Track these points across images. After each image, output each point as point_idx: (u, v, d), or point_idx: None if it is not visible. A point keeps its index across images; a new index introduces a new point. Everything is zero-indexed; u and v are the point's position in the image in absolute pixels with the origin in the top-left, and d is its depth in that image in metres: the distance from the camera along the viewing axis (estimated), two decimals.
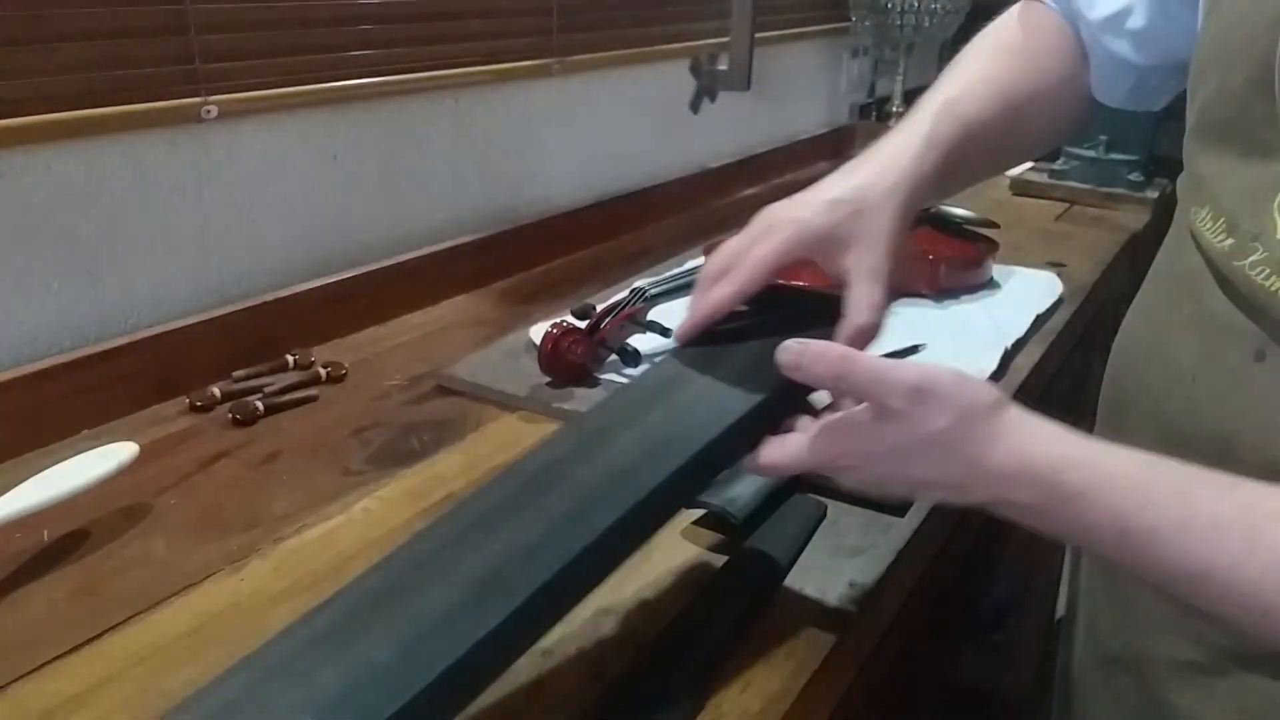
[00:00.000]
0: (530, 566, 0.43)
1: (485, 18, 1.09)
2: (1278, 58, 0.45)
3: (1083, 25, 0.67)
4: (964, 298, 1.07)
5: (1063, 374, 1.11)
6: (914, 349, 0.92)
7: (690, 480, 0.50)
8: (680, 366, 0.56)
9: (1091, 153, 1.57)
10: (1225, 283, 0.49)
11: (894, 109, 1.86)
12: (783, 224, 0.57)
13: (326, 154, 0.97)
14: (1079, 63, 0.69)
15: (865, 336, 0.56)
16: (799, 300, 0.61)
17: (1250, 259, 0.47)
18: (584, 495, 0.47)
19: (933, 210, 1.24)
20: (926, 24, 1.73)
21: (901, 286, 1.04)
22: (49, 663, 0.52)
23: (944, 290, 1.07)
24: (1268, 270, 0.46)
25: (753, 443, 0.50)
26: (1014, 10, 0.72)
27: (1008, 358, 0.92)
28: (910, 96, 1.90)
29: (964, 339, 0.95)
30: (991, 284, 1.11)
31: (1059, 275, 1.15)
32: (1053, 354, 0.98)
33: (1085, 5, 0.66)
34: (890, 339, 0.92)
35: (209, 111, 0.83)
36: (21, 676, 0.51)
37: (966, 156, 0.62)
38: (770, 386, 0.51)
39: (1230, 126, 0.50)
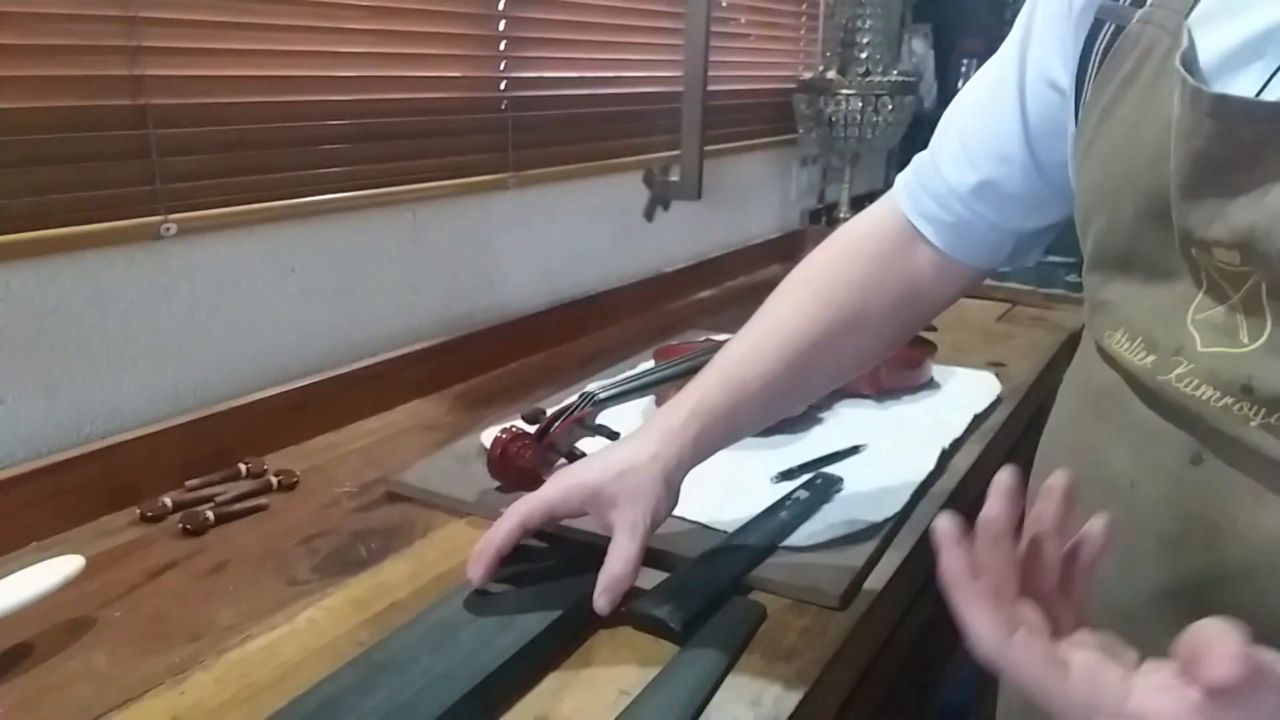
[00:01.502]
0: None
1: (442, 136, 1.14)
2: (1174, 185, 0.48)
3: (954, 204, 0.69)
4: (905, 398, 1.11)
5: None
6: (855, 449, 0.95)
7: (466, 712, 0.55)
8: (459, 608, 0.65)
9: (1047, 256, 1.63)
10: (1152, 396, 0.52)
11: (841, 215, 1.93)
12: (565, 478, 0.69)
13: (285, 266, 1.00)
14: (914, 282, 0.72)
15: (620, 585, 0.65)
16: (570, 548, 0.72)
17: (1176, 372, 0.49)
18: None
19: None
20: (870, 135, 1.82)
21: (845, 387, 1.08)
22: None
23: (885, 390, 1.11)
24: (1197, 380, 0.48)
25: (522, 677, 0.59)
26: (844, 231, 0.75)
27: (945, 457, 0.95)
28: (856, 203, 1.99)
29: (904, 438, 0.98)
30: (932, 384, 1.15)
31: (999, 375, 1.20)
32: (991, 453, 1.01)
33: (956, 180, 0.68)
34: (833, 439, 0.97)
35: (168, 229, 0.86)
36: None
37: (736, 418, 0.70)
38: (536, 630, 0.62)
39: (1129, 256, 0.53)
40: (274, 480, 0.87)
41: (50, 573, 0.64)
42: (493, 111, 1.21)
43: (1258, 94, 0.45)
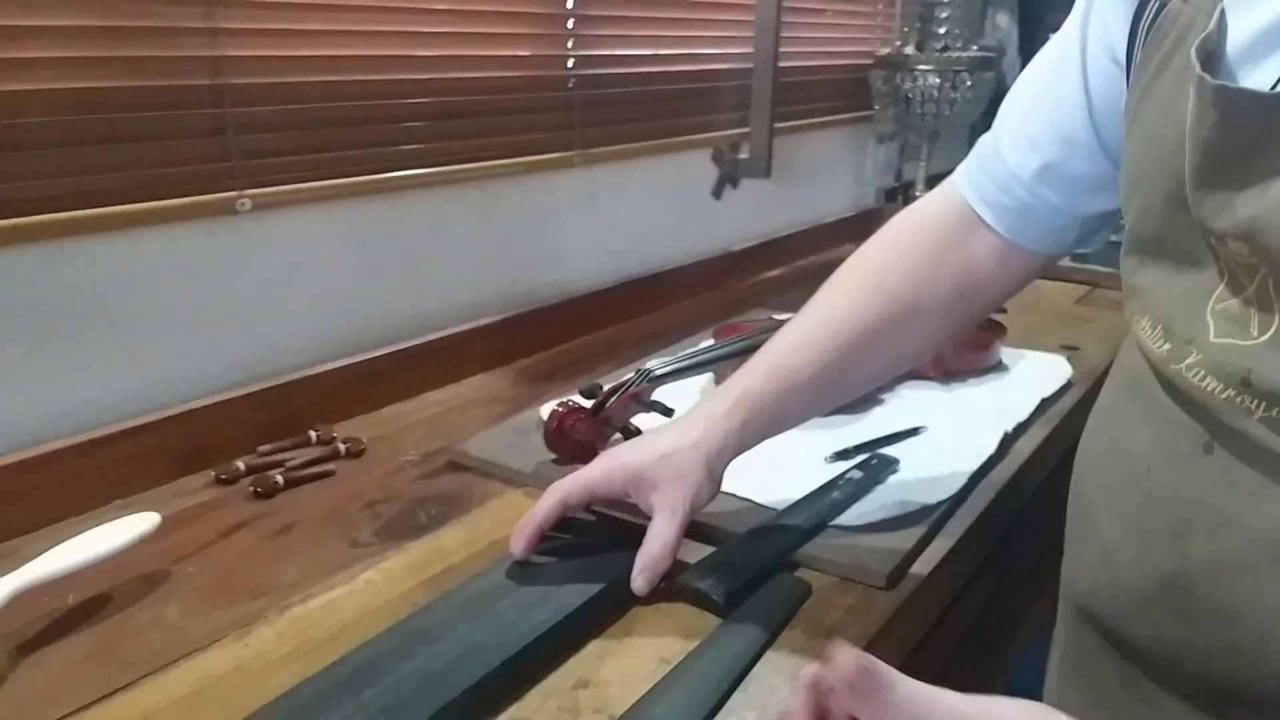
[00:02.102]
0: None
1: (509, 114, 1.16)
2: (1187, 176, 0.47)
3: (1016, 189, 0.67)
4: (971, 380, 1.09)
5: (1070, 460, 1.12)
6: (914, 431, 0.94)
7: (497, 682, 0.57)
8: (501, 578, 0.66)
9: (1115, 236, 1.58)
10: (1168, 385, 0.52)
11: (917, 193, 1.90)
12: (608, 459, 0.70)
13: (355, 241, 1.03)
14: (971, 271, 0.70)
15: (657, 566, 0.65)
16: (611, 528, 0.73)
17: (1186, 362, 0.49)
18: (401, 691, 0.54)
19: None
20: (947, 112, 1.78)
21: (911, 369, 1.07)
22: (63, 718, 0.56)
23: (950, 373, 1.09)
24: (1203, 372, 0.48)
25: (558, 649, 0.61)
26: (902, 217, 0.74)
27: (1008, 440, 0.94)
28: (933, 181, 1.95)
29: (966, 421, 0.97)
30: (1000, 367, 1.13)
31: (1072, 359, 1.17)
32: (1056, 437, 0.99)
33: (1017, 164, 0.67)
34: (892, 420, 0.96)
35: (243, 204, 0.90)
36: None
37: (784, 407, 0.70)
38: (574, 605, 0.63)
39: (1158, 241, 0.53)
40: (342, 447, 0.90)
41: (128, 528, 0.67)
42: (559, 90, 1.23)
43: (1275, 84, 0.44)
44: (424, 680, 0.55)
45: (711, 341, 1.09)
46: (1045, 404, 1.04)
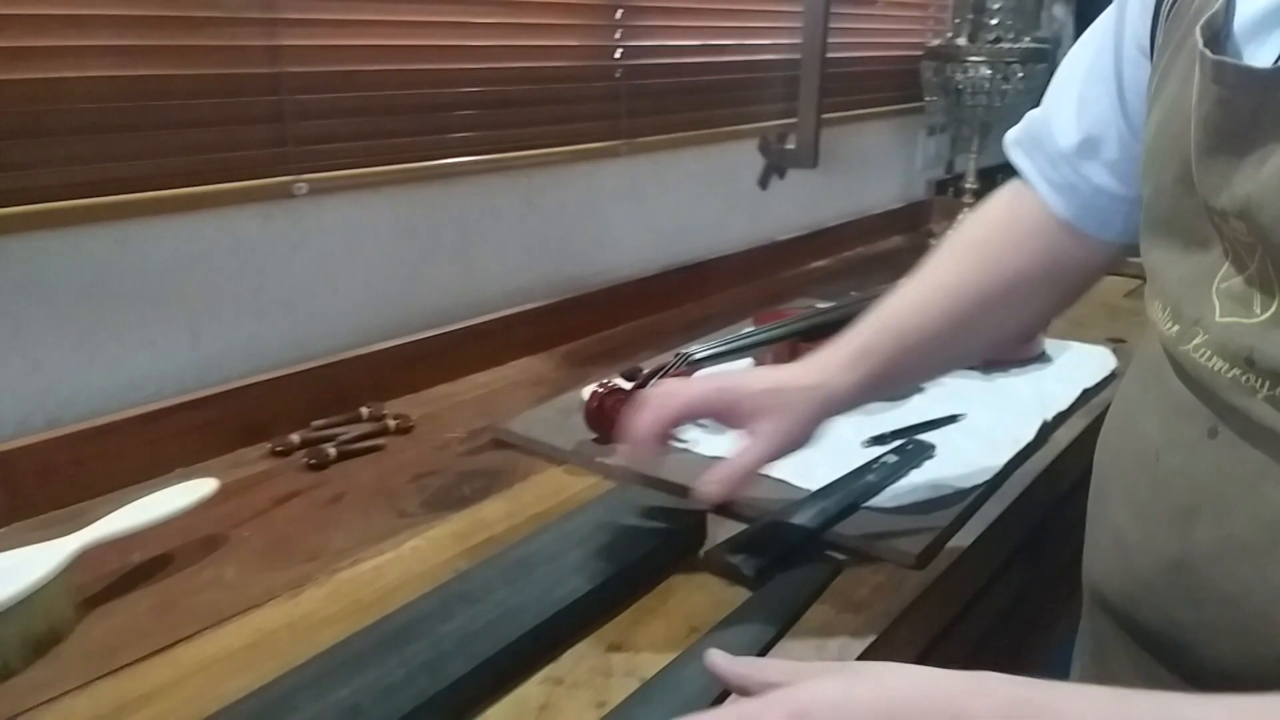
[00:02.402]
0: (389, 703, 0.52)
1: (557, 104, 1.18)
2: (1192, 154, 0.48)
3: (1063, 166, 0.68)
4: (1013, 371, 1.09)
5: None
6: (953, 418, 0.94)
7: (533, 642, 0.59)
8: (539, 548, 0.68)
9: None
10: (1178, 367, 0.53)
11: (968, 185, 1.89)
12: (712, 378, 0.69)
13: (407, 226, 1.06)
14: (1054, 249, 0.70)
15: (729, 481, 0.64)
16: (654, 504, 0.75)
17: (1194, 342, 0.50)
18: (442, 649, 0.56)
19: None
20: (999, 104, 1.77)
21: None
22: (126, 666, 0.59)
23: (992, 363, 1.09)
24: (1209, 352, 0.49)
25: (591, 615, 0.63)
26: (997, 195, 0.74)
27: (1047, 429, 0.94)
28: (985, 174, 1.94)
29: (1005, 410, 0.97)
30: (1043, 358, 1.13)
31: (1116, 351, 1.16)
32: (1096, 428, 0.98)
33: (1060, 134, 0.67)
34: (931, 407, 0.97)
35: (300, 189, 0.93)
36: (102, 676, 0.58)
37: (902, 367, 0.69)
38: (608, 574, 0.65)
39: (1169, 222, 0.53)
40: (391, 424, 0.93)
41: (189, 492, 0.71)
42: (607, 80, 1.25)
43: (1277, 60, 0.44)
44: (463, 638, 0.57)
45: (752, 327, 1.11)
46: (1087, 394, 1.03)
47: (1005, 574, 0.86)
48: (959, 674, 0.40)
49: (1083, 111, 0.66)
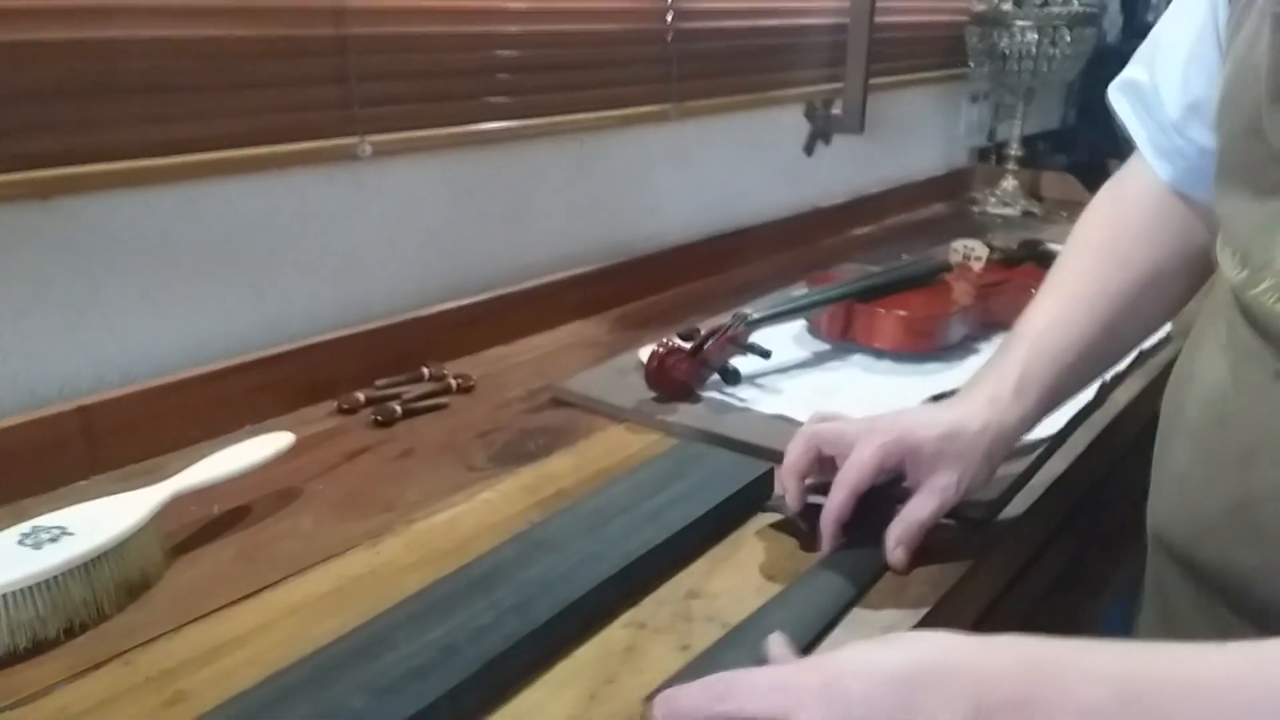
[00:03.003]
0: (481, 644, 0.53)
1: (609, 67, 1.18)
2: (1263, 106, 0.49)
3: (1171, 132, 0.67)
4: None
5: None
6: None
7: (614, 589, 0.60)
8: (612, 499, 0.69)
9: None
10: (1246, 311, 0.53)
11: (1011, 152, 1.87)
12: (881, 434, 0.64)
13: (463, 189, 1.07)
14: (1183, 230, 0.69)
15: (914, 539, 0.64)
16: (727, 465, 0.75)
17: (1262, 287, 0.51)
18: (528, 593, 0.58)
19: (1040, 248, 1.26)
20: (1045, 69, 1.75)
21: (1003, 320, 1.07)
22: (216, 610, 0.61)
23: None
24: (1277, 296, 0.50)
25: (665, 565, 0.64)
26: (1107, 191, 0.73)
27: (1106, 390, 0.94)
28: (1028, 141, 1.92)
29: None
30: None
31: None
32: (1153, 390, 0.98)
33: (1169, 100, 0.66)
34: None
35: (364, 150, 0.94)
36: (194, 620, 0.60)
37: (1061, 386, 0.67)
38: (679, 525, 0.65)
39: (1240, 170, 0.54)
40: (454, 383, 0.94)
41: (267, 445, 0.72)
42: (658, 43, 1.25)
43: None
44: (547, 583, 0.58)
45: (805, 290, 1.11)
46: (1143, 356, 1.03)
47: (1064, 533, 0.86)
48: (978, 636, 0.41)
49: (1190, 74, 0.65)
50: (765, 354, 0.92)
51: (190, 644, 0.58)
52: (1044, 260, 1.17)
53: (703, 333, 0.93)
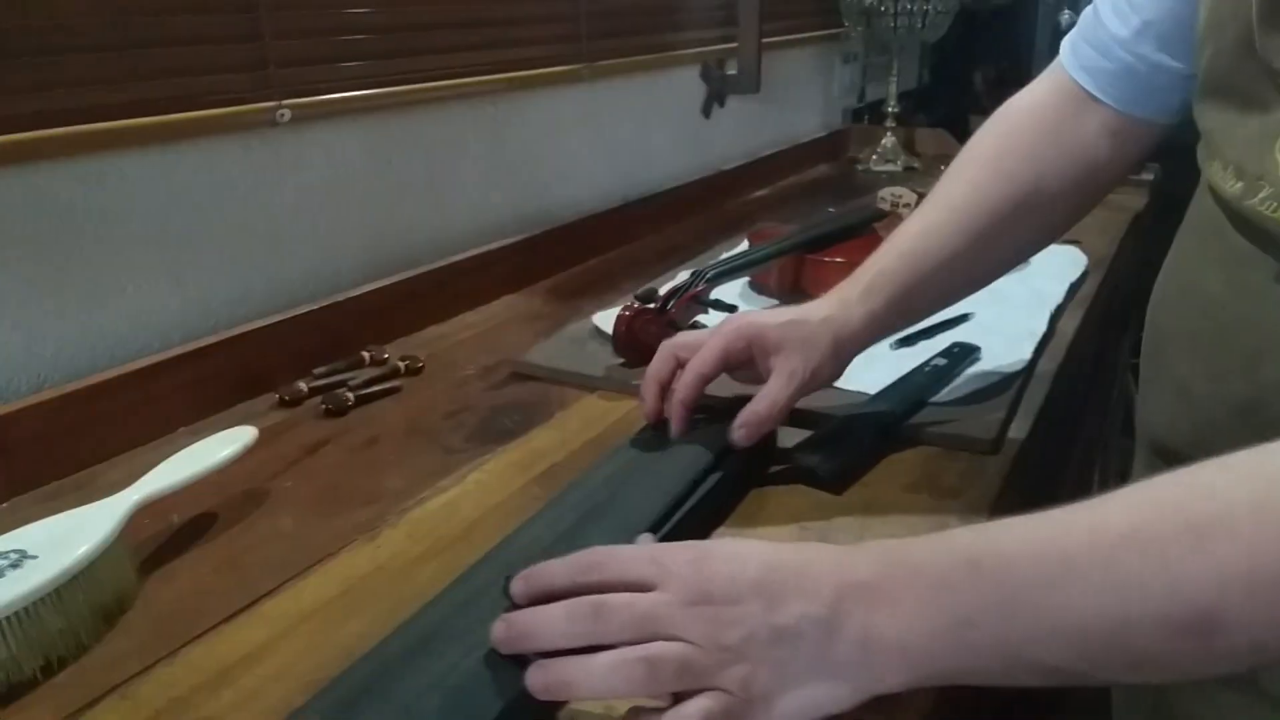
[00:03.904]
0: None
1: (524, 25, 1.13)
2: (1255, 19, 0.49)
3: (1118, 51, 0.67)
4: None
5: (1091, 346, 1.15)
6: (964, 317, 0.95)
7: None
8: (622, 466, 0.65)
9: None
10: (1242, 222, 0.54)
11: (889, 109, 1.91)
12: (733, 319, 0.68)
13: (383, 159, 0.99)
14: (1084, 149, 0.70)
15: (760, 423, 0.65)
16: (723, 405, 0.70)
17: (1259, 196, 0.52)
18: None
19: None
20: (919, 26, 1.79)
21: None
22: (212, 628, 0.53)
23: None
24: (1275, 204, 0.51)
25: (700, 525, 0.61)
26: (1004, 109, 0.74)
27: (1054, 319, 0.96)
28: (903, 98, 1.97)
29: (1007, 307, 0.98)
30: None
31: (1081, 249, 1.20)
32: (1090, 318, 1.02)
33: (1116, 27, 0.67)
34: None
35: (283, 115, 0.86)
36: (189, 642, 0.52)
37: (919, 293, 0.69)
38: (707, 483, 0.62)
39: (1229, 86, 0.55)
40: (401, 365, 0.87)
41: (230, 441, 0.64)
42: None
43: None
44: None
45: (747, 245, 1.09)
46: (1073, 287, 1.07)
47: (1067, 451, 0.87)
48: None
49: None
50: (732, 309, 0.90)
51: (193, 668, 0.50)
52: None
53: (662, 294, 0.90)
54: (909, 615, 0.40)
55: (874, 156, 1.90)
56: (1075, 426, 1.03)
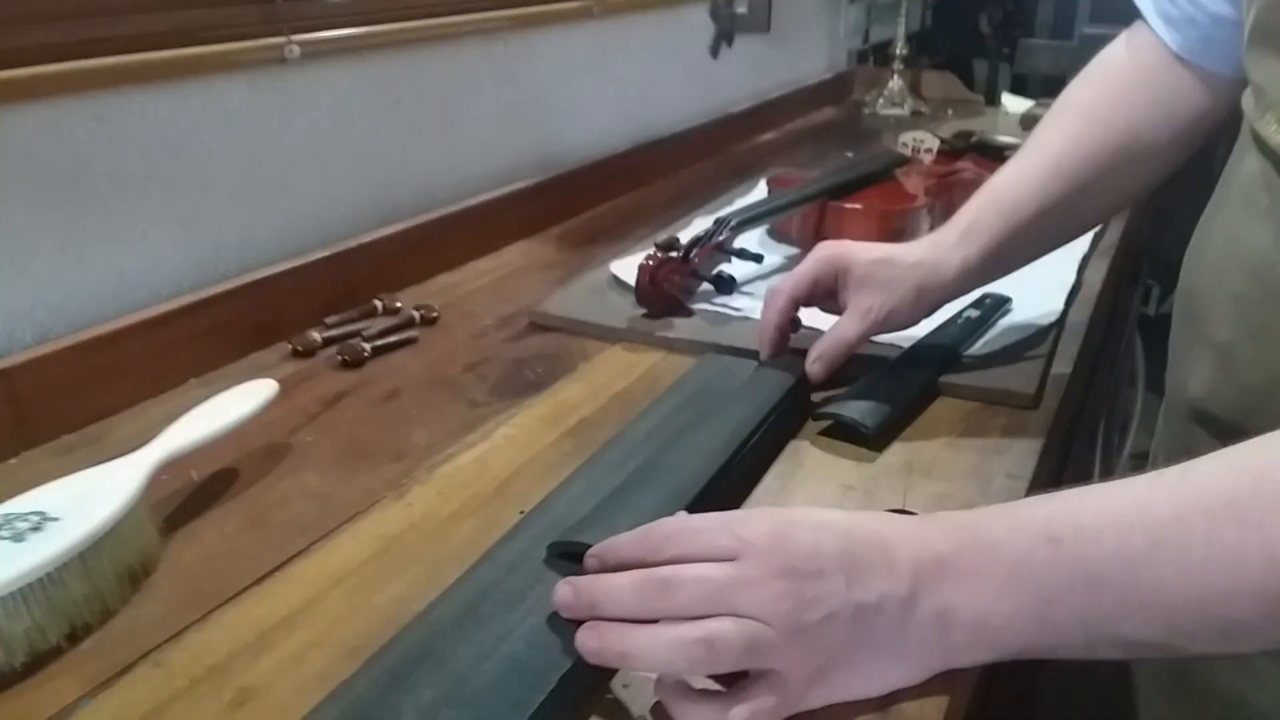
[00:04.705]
0: None
1: None
2: None
3: (1182, 2, 0.65)
4: None
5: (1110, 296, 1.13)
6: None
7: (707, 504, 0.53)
8: (662, 419, 0.64)
9: None
10: None
11: (897, 51, 1.87)
12: (827, 247, 0.69)
13: (392, 98, 0.95)
14: (1173, 97, 0.67)
15: (830, 357, 0.67)
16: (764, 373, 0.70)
17: None
18: (617, 526, 0.49)
19: (976, 139, 1.25)
20: None
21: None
22: (243, 591, 0.51)
23: None
24: None
25: (743, 480, 0.60)
26: (1102, 55, 0.72)
27: (1082, 269, 0.94)
28: (911, 39, 1.92)
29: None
30: None
31: None
32: (1113, 270, 1.00)
33: None
34: None
35: (292, 52, 0.81)
36: (222, 604, 0.50)
37: (1013, 243, 0.68)
38: (750, 434, 0.61)
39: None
40: (416, 315, 0.85)
41: (252, 394, 0.62)
42: None
43: None
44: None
45: (766, 191, 1.06)
46: (1097, 236, 1.04)
47: (1094, 401, 0.86)
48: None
49: None
50: (758, 258, 0.87)
51: (228, 633, 0.48)
52: (986, 150, 1.17)
53: (686, 242, 0.87)
54: (989, 595, 0.39)
55: (880, 99, 1.86)
56: (1091, 377, 1.02)
